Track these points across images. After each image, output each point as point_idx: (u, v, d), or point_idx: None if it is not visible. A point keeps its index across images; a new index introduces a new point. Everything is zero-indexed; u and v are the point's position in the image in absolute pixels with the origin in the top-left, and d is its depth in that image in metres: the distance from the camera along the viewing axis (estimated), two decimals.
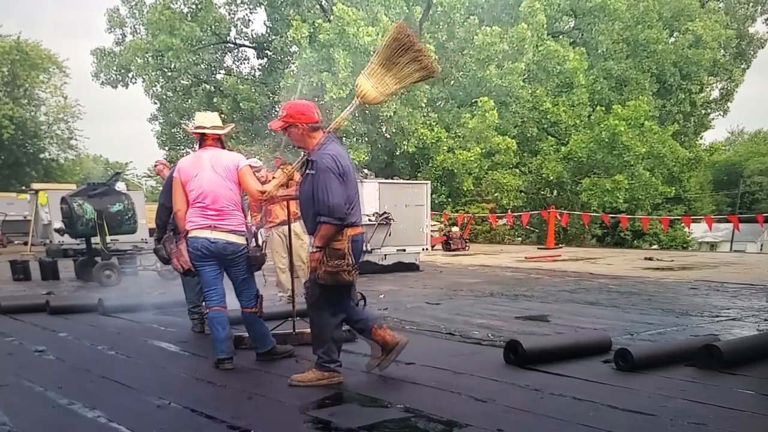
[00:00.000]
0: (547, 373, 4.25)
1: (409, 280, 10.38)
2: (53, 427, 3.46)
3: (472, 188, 21.91)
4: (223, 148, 4.68)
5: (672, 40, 26.05)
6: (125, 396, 3.95)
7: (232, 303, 4.62)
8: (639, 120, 21.82)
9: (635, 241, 26.45)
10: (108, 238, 9.83)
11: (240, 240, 4.49)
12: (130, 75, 26.01)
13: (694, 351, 4.46)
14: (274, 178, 4.80)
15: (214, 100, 25.39)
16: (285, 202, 6.88)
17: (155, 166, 9.50)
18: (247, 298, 4.57)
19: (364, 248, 4.46)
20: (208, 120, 4.63)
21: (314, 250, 3.88)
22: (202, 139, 4.58)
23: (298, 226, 7.70)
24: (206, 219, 4.40)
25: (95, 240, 9.90)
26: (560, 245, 19.44)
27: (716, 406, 3.56)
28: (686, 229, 28.03)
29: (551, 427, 3.26)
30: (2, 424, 3.37)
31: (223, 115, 4.83)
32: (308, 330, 5.30)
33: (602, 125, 21.91)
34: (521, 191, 24.23)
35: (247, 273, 4.56)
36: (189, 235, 4.44)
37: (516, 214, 21.30)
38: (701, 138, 30.66)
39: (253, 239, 4.84)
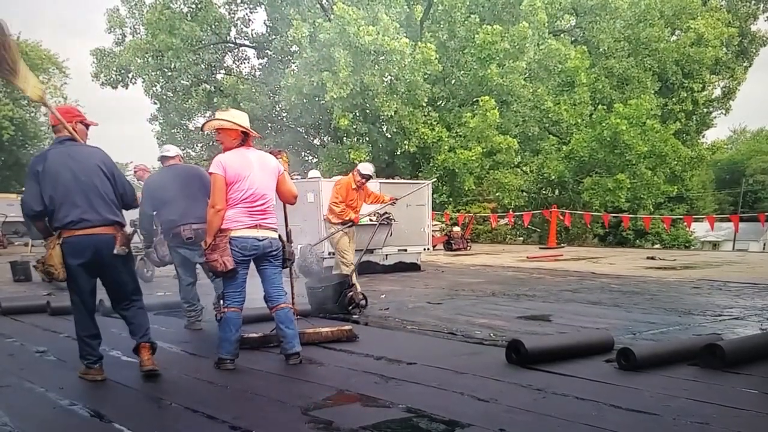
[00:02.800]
0: (550, 372, 4.24)
1: (410, 280, 10.37)
2: (54, 428, 3.46)
3: (474, 188, 21.88)
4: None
5: (674, 38, 25.97)
6: (126, 397, 3.95)
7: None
8: (641, 119, 21.77)
9: (637, 241, 26.42)
10: None
11: (277, 236, 4.61)
12: (130, 75, 25.95)
13: (696, 350, 4.44)
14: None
15: (215, 100, 25.34)
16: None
17: (135, 172, 9.38)
18: (279, 294, 4.61)
19: (117, 249, 4.17)
20: (247, 121, 4.64)
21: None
22: (244, 139, 4.57)
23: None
24: (253, 218, 4.45)
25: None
26: (562, 245, 19.41)
27: (719, 405, 3.54)
28: (688, 229, 27.98)
29: (554, 427, 3.25)
30: (3, 425, 3.37)
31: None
32: (309, 330, 5.32)
33: (604, 124, 21.86)
34: (523, 191, 24.19)
35: (280, 270, 4.66)
36: (235, 235, 4.40)
37: (517, 213, 21.27)
38: (703, 136, 30.59)
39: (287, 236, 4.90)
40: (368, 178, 8.02)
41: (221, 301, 4.57)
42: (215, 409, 3.56)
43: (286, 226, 5.27)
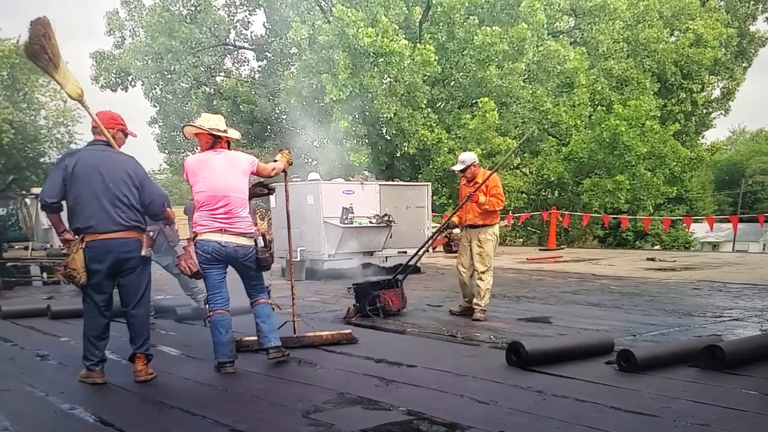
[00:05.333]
0: (550, 374, 4.24)
1: (410, 282, 10.29)
2: (55, 431, 3.45)
3: None
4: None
5: (673, 39, 25.98)
6: (127, 400, 3.95)
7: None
8: (640, 120, 21.78)
9: (637, 242, 26.40)
10: None
11: (249, 242, 4.57)
12: (130, 78, 25.99)
13: (696, 352, 4.44)
14: (275, 161, 4.85)
15: (214, 102, 25.35)
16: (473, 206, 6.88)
17: None
18: (257, 291, 4.68)
19: (143, 252, 4.25)
20: (217, 122, 4.63)
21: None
22: (214, 142, 4.57)
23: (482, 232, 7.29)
24: (216, 222, 4.44)
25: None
26: (562, 246, 19.42)
27: (719, 406, 3.55)
28: (688, 230, 27.97)
29: (554, 429, 3.25)
30: (4, 429, 3.37)
31: (224, 119, 4.86)
32: (309, 333, 5.32)
33: (603, 125, 21.86)
34: (522, 192, 24.17)
35: (258, 272, 4.68)
36: (199, 238, 4.45)
37: (516, 215, 21.25)
38: (703, 137, 30.54)
39: (261, 241, 4.78)
40: (463, 169, 7.00)
41: (207, 306, 4.59)
42: (215, 412, 3.56)
43: (288, 230, 5.28)
